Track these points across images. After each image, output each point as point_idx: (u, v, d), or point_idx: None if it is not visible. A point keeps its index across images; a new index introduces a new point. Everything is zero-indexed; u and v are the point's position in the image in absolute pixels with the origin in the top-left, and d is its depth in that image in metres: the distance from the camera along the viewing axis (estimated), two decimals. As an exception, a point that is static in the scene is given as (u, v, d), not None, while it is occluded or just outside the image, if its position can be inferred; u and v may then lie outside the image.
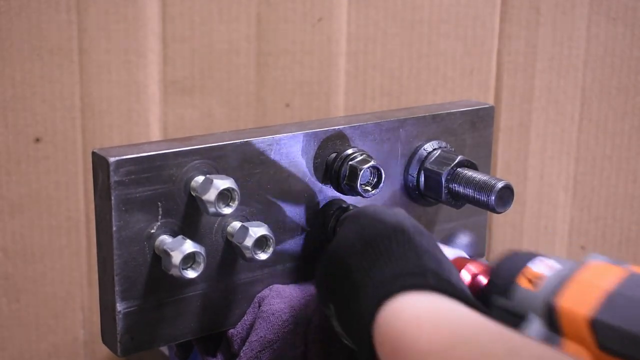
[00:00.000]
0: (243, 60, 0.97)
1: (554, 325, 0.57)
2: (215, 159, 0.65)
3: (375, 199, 0.74)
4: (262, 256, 0.65)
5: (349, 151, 0.70)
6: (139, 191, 0.62)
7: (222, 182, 0.62)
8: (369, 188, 0.70)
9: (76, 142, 0.95)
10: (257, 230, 0.65)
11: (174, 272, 0.62)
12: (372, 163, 0.69)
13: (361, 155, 0.70)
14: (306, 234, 0.71)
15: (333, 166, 0.70)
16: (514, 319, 0.60)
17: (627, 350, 0.53)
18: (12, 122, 0.92)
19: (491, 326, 0.50)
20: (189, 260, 0.62)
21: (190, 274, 0.62)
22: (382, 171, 0.70)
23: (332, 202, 0.71)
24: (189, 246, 0.62)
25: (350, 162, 0.69)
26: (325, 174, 0.71)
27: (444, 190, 0.74)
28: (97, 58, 0.93)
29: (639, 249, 0.99)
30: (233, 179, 0.63)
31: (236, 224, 0.66)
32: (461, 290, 0.55)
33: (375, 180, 0.70)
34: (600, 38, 0.95)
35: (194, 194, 0.64)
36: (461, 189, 0.73)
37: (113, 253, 0.62)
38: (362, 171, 0.69)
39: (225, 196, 0.63)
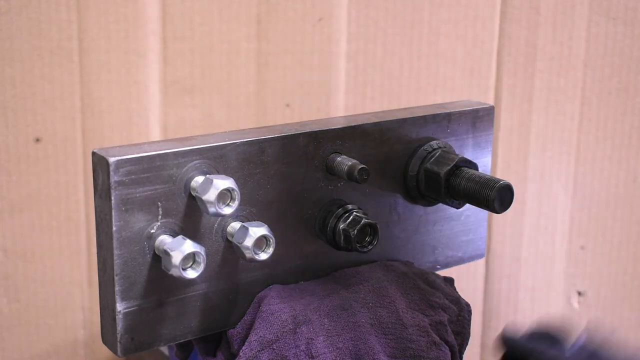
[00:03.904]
0: (243, 60, 0.97)
1: None
2: (215, 159, 0.65)
3: (376, 199, 0.74)
4: (262, 256, 0.65)
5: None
6: (139, 191, 0.62)
7: (222, 182, 0.62)
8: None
9: (76, 142, 0.95)
10: (257, 230, 0.65)
11: (174, 272, 0.62)
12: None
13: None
14: (306, 234, 0.71)
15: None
16: None
17: None
18: (12, 122, 0.92)
19: None
20: (189, 260, 0.62)
21: (191, 274, 0.62)
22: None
23: (333, 202, 0.71)
24: (189, 246, 0.62)
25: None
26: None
27: (444, 190, 0.73)
28: (97, 58, 0.93)
29: (639, 249, 0.99)
30: (233, 179, 0.63)
31: (236, 224, 0.66)
32: None
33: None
34: (600, 38, 0.95)
35: (194, 194, 0.64)
36: (461, 189, 0.73)
37: (113, 253, 0.62)
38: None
39: (225, 196, 0.63)
